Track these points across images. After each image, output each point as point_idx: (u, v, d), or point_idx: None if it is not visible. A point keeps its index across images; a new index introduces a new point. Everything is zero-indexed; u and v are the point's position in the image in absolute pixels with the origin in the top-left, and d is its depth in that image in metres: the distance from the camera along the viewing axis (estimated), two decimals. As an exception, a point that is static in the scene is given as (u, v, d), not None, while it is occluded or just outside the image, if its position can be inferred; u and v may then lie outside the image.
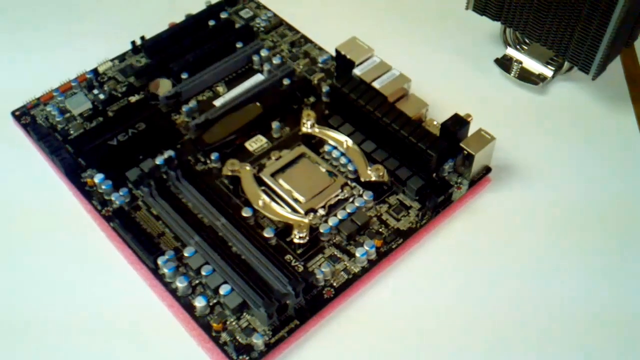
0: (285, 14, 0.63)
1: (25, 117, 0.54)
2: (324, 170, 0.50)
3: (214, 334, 0.43)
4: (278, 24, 0.62)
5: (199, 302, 0.43)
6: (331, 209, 0.48)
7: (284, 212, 0.48)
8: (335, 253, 0.47)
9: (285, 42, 0.60)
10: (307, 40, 0.61)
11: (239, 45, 0.58)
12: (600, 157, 0.54)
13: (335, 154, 0.51)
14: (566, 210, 0.50)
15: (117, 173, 0.50)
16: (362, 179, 0.50)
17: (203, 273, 0.44)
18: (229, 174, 0.50)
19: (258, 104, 0.54)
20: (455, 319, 0.45)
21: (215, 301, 0.44)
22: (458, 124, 0.50)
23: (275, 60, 0.57)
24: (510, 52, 0.60)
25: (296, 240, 0.47)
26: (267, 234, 0.47)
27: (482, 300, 0.45)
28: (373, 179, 0.49)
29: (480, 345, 0.43)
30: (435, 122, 0.52)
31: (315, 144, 0.52)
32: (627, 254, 0.48)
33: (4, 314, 0.45)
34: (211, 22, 0.60)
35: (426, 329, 0.44)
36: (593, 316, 0.45)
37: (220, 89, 0.56)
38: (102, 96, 0.55)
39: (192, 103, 0.54)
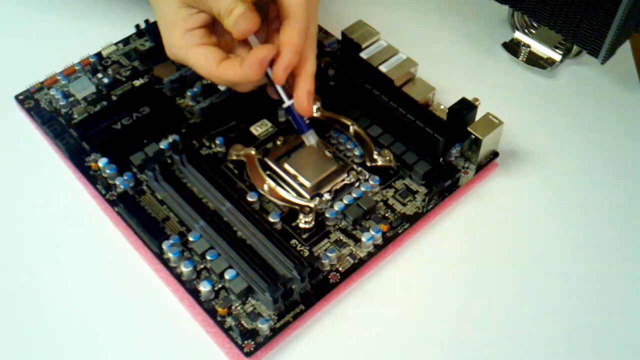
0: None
1: (29, 101, 0.54)
2: (329, 154, 0.50)
3: (219, 318, 0.42)
4: (283, 7, 0.61)
5: (204, 287, 0.43)
6: (337, 194, 0.48)
7: (290, 197, 0.47)
8: (341, 238, 0.46)
9: (290, 25, 0.60)
10: (312, 23, 0.60)
11: (244, 28, 0.58)
12: (608, 141, 0.53)
13: (341, 138, 0.51)
14: (574, 195, 0.50)
15: (121, 157, 0.49)
16: (369, 164, 0.49)
17: (208, 258, 0.44)
18: (234, 158, 0.49)
19: (263, 88, 0.53)
20: (460, 304, 0.44)
21: (220, 286, 0.44)
22: (465, 108, 0.49)
23: (281, 44, 0.57)
24: (519, 35, 0.60)
25: (302, 225, 0.46)
26: (273, 218, 0.46)
27: (488, 284, 0.45)
28: (379, 163, 0.49)
29: (486, 329, 0.43)
30: (442, 107, 0.52)
31: (321, 128, 0.52)
32: (638, 238, 0.47)
33: (8, 297, 0.44)
34: (216, 6, 0.59)
35: (431, 314, 0.44)
36: (600, 300, 0.45)
37: (225, 73, 0.56)
38: (106, 80, 0.55)
39: (197, 87, 0.54)
